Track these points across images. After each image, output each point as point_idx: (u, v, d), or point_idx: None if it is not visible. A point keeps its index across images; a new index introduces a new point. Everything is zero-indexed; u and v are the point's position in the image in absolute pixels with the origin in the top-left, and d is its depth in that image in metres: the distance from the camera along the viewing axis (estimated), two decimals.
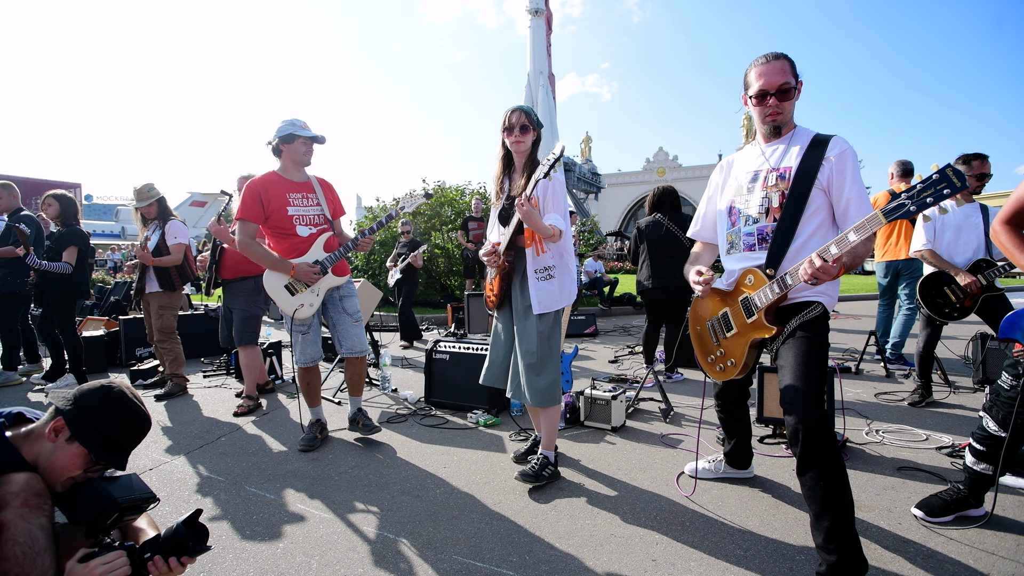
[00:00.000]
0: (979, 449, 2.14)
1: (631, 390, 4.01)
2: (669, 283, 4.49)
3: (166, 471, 2.82)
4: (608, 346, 6.54)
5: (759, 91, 1.96)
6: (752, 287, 1.98)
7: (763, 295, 1.93)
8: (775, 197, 1.98)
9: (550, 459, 2.63)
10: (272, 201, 2.95)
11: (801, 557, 1.95)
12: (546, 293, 2.53)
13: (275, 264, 2.95)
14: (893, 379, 4.56)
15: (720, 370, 2.16)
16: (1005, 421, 2.06)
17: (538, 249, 2.53)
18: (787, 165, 1.98)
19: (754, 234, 2.04)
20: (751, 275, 2.00)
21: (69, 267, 4.41)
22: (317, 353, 3.18)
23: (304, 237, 3.04)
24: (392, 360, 5.24)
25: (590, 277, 10.04)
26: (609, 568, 1.91)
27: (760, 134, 2.09)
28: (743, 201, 2.08)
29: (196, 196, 32.95)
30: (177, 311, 4.46)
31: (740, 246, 2.09)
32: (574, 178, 41.15)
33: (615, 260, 20.75)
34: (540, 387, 2.54)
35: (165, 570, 1.39)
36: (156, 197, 4.32)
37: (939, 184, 1.46)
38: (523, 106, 2.56)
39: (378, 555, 2.01)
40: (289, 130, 2.96)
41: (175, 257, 4.26)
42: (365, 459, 2.95)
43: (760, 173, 2.03)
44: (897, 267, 4.85)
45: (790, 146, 2.00)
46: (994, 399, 2.13)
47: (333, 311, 3.16)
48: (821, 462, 1.72)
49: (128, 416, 1.52)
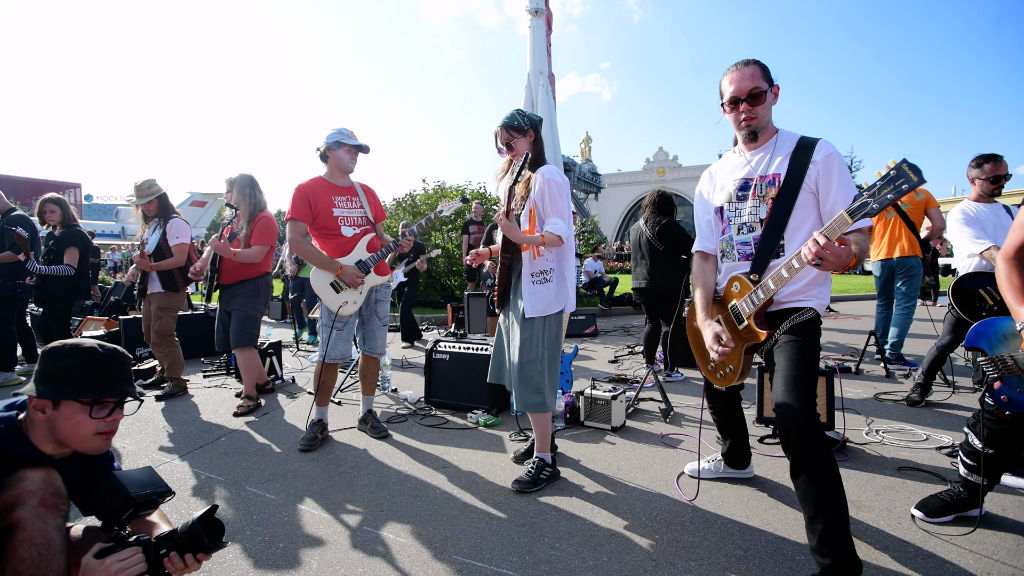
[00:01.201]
0: (968, 463, 2.15)
1: (631, 390, 4.01)
2: (651, 285, 4.52)
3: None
4: (608, 346, 6.55)
5: (731, 97, 1.99)
6: (739, 294, 2.00)
7: (749, 301, 1.94)
8: (764, 208, 1.99)
9: (546, 460, 2.61)
10: (319, 203, 3.11)
11: (801, 557, 1.95)
12: (540, 297, 2.51)
13: (324, 263, 3.10)
14: (893, 379, 4.56)
15: (721, 377, 2.16)
16: (990, 437, 2.04)
17: (534, 252, 2.51)
18: (775, 172, 1.98)
19: (749, 243, 2.04)
20: (737, 282, 2.02)
21: (72, 270, 4.39)
22: (346, 351, 3.26)
23: (349, 237, 3.19)
24: (392, 360, 5.24)
25: (590, 277, 10.04)
26: (609, 568, 1.91)
27: (740, 141, 2.10)
28: (733, 209, 2.09)
29: (196, 196, 32.94)
30: (176, 313, 4.39)
31: (735, 255, 2.10)
32: (574, 178, 41.16)
33: (615, 260, 20.75)
34: (524, 392, 2.53)
35: (181, 567, 1.37)
36: (157, 194, 4.20)
37: (897, 180, 1.47)
38: (507, 118, 2.53)
39: (378, 555, 2.01)
40: (336, 138, 3.16)
41: (177, 259, 4.17)
42: (365, 459, 2.96)
43: (750, 182, 2.03)
44: (891, 266, 4.83)
45: (775, 152, 2.01)
46: (978, 416, 2.12)
47: (367, 312, 3.33)
48: (813, 465, 1.72)
49: (87, 354, 1.45)
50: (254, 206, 3.92)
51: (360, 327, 3.37)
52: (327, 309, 3.19)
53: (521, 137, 2.53)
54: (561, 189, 2.50)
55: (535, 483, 2.53)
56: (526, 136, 2.54)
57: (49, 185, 46.42)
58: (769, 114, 2.02)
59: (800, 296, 1.97)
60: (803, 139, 1.98)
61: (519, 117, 2.54)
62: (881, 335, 5.09)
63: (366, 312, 3.32)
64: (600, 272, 10.33)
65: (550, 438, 2.66)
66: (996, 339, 1.95)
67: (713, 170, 2.26)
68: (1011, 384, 1.90)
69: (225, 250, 3.70)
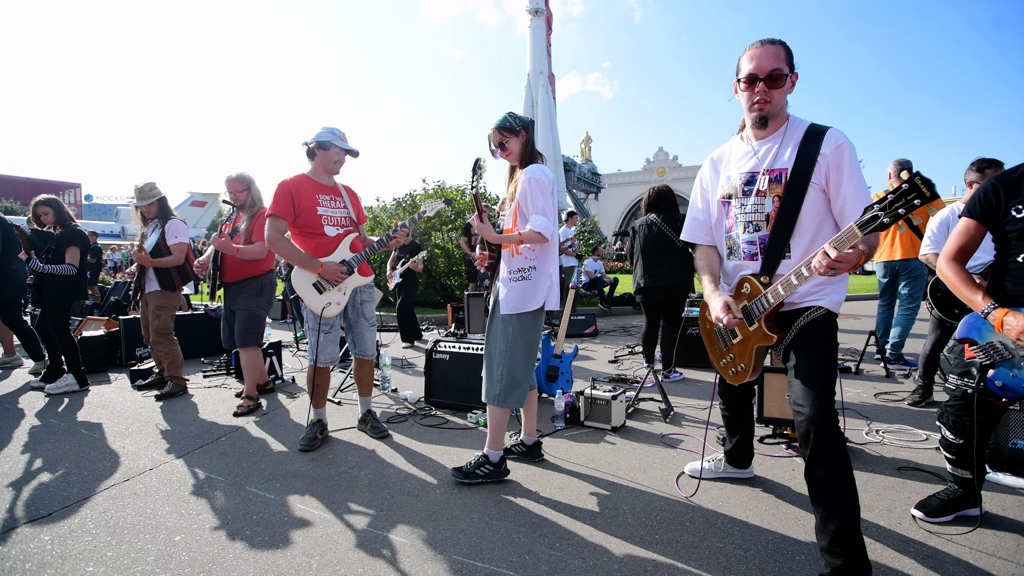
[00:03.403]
0: (949, 457, 2.19)
1: (631, 390, 4.01)
2: (661, 283, 4.49)
3: (166, 471, 2.81)
4: (608, 346, 6.55)
5: (749, 75, 1.84)
6: (749, 296, 1.94)
7: (760, 304, 1.88)
8: (770, 203, 1.90)
9: (490, 459, 2.60)
10: (303, 200, 3.05)
11: (801, 557, 1.95)
12: (516, 294, 2.54)
13: (303, 261, 3.03)
14: (893, 379, 4.56)
15: (733, 374, 2.12)
16: (955, 426, 2.09)
17: (512, 251, 2.56)
18: (781, 167, 1.88)
19: (755, 243, 1.96)
20: (747, 283, 1.94)
21: (74, 269, 4.39)
22: (335, 354, 3.23)
23: (332, 237, 3.14)
24: (392, 360, 5.24)
25: (590, 277, 10.03)
26: (609, 568, 1.91)
27: (749, 126, 1.98)
28: (739, 205, 1.98)
29: (196, 196, 32.96)
30: (174, 312, 4.41)
31: (740, 254, 2.01)
32: (574, 178, 41.19)
33: (615, 260, 20.75)
34: (489, 383, 2.57)
35: None
36: (157, 197, 4.27)
37: (909, 194, 1.43)
38: (500, 121, 2.56)
39: (378, 555, 2.01)
40: (328, 138, 3.10)
41: (176, 257, 4.22)
42: (365, 459, 2.95)
43: (756, 176, 1.93)
44: (895, 267, 4.85)
45: (784, 144, 1.89)
46: (944, 406, 2.16)
47: (352, 314, 3.28)
48: (830, 464, 1.71)
49: None
50: (253, 203, 3.95)
51: (348, 330, 3.33)
52: (311, 312, 3.13)
53: (513, 137, 2.57)
54: (543, 187, 2.49)
55: (468, 476, 2.57)
56: (518, 136, 2.57)
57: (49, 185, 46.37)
58: (784, 101, 1.90)
59: (813, 296, 1.90)
60: (812, 127, 1.88)
61: (511, 119, 2.58)
62: (881, 335, 5.09)
63: (352, 315, 3.26)
64: (600, 272, 10.32)
65: (500, 437, 2.62)
66: (985, 328, 1.99)
67: (716, 157, 2.13)
68: (1005, 370, 1.92)
69: (228, 247, 3.67)
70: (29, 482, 2.69)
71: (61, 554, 2.03)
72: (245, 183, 3.97)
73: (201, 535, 2.16)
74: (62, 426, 3.56)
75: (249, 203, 3.96)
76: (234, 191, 3.98)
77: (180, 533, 2.18)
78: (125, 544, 2.10)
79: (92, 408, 3.95)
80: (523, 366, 2.57)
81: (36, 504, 2.44)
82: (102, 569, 1.94)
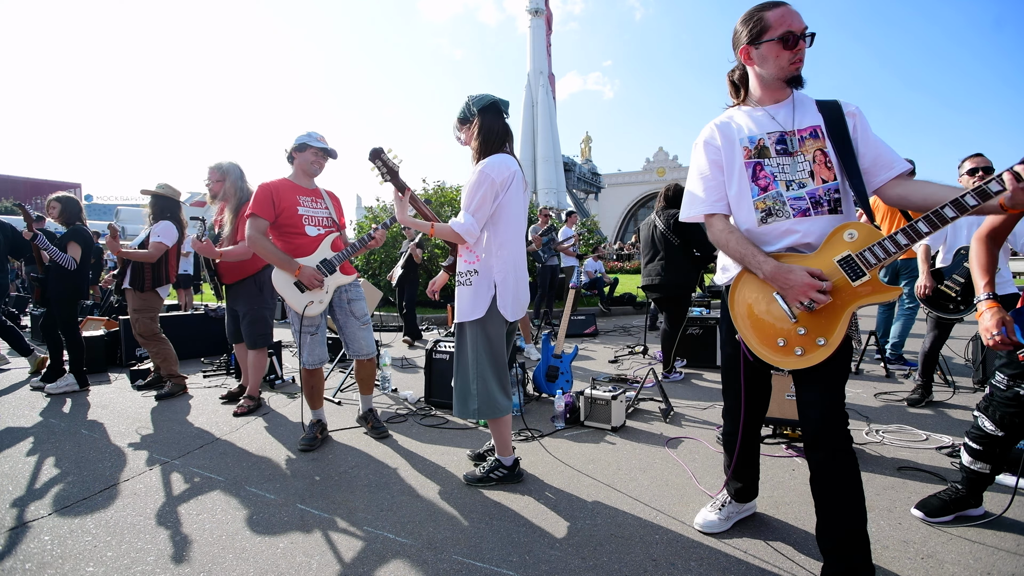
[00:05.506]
0: (975, 448, 2.16)
1: (631, 390, 4.01)
2: (659, 281, 4.49)
3: (166, 471, 2.81)
4: (608, 346, 6.55)
5: (785, 33, 1.70)
6: (857, 243, 1.67)
7: (880, 249, 1.62)
8: (813, 157, 1.77)
9: (503, 463, 2.59)
10: (283, 200, 3.06)
11: (801, 557, 1.95)
12: (459, 300, 2.45)
13: (281, 261, 3.00)
14: (893, 379, 4.56)
15: (800, 354, 1.70)
16: (1002, 420, 2.08)
17: (460, 252, 2.45)
18: (812, 123, 1.78)
19: (804, 198, 1.77)
20: (852, 230, 1.68)
21: (74, 262, 4.38)
22: (324, 355, 3.20)
23: (313, 237, 3.15)
24: (392, 360, 5.24)
25: (590, 277, 10.03)
26: (609, 568, 1.91)
27: (759, 93, 1.86)
28: (776, 165, 1.80)
29: (196, 196, 32.95)
30: (153, 314, 4.32)
31: (788, 212, 1.78)
32: (574, 178, 41.20)
33: (615, 260, 20.76)
34: (455, 399, 2.51)
35: None
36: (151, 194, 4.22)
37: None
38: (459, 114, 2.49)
39: (378, 555, 2.01)
40: (304, 140, 3.15)
41: (147, 254, 4.09)
42: (365, 459, 2.96)
43: (785, 135, 1.80)
44: (895, 267, 4.84)
45: (797, 108, 1.81)
46: (989, 399, 2.14)
47: (341, 315, 3.23)
48: (841, 466, 1.68)
49: None
50: (239, 198, 3.80)
51: (340, 333, 3.28)
52: (294, 312, 3.09)
53: (466, 127, 2.48)
54: (488, 183, 2.29)
55: (483, 481, 2.56)
56: (468, 126, 2.47)
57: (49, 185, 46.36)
58: None
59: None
60: (818, 99, 1.83)
61: (464, 108, 2.46)
62: (881, 335, 5.09)
63: (341, 316, 3.21)
64: (600, 272, 10.32)
65: (507, 442, 2.58)
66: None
67: (720, 123, 1.92)
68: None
69: (209, 251, 3.48)
70: (29, 482, 2.69)
71: (61, 554, 2.03)
72: (221, 172, 3.82)
73: (201, 535, 2.16)
74: (62, 426, 3.56)
75: (222, 195, 3.82)
76: (210, 180, 3.85)
77: (180, 533, 2.18)
78: (125, 544, 2.10)
79: (92, 408, 3.95)
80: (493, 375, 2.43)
81: (36, 504, 2.44)
82: (102, 569, 1.94)
